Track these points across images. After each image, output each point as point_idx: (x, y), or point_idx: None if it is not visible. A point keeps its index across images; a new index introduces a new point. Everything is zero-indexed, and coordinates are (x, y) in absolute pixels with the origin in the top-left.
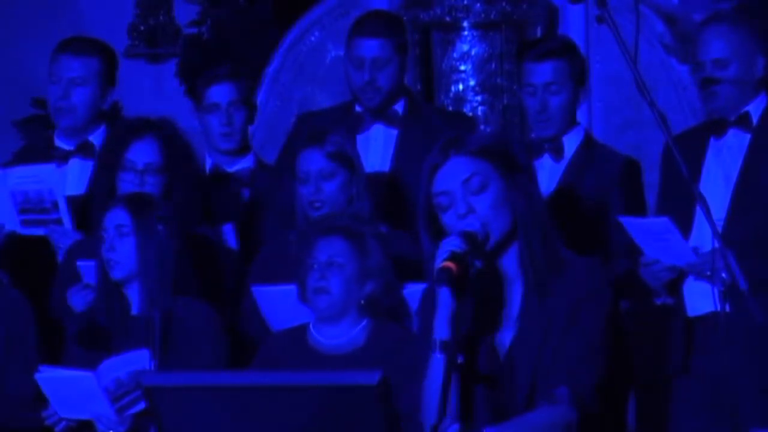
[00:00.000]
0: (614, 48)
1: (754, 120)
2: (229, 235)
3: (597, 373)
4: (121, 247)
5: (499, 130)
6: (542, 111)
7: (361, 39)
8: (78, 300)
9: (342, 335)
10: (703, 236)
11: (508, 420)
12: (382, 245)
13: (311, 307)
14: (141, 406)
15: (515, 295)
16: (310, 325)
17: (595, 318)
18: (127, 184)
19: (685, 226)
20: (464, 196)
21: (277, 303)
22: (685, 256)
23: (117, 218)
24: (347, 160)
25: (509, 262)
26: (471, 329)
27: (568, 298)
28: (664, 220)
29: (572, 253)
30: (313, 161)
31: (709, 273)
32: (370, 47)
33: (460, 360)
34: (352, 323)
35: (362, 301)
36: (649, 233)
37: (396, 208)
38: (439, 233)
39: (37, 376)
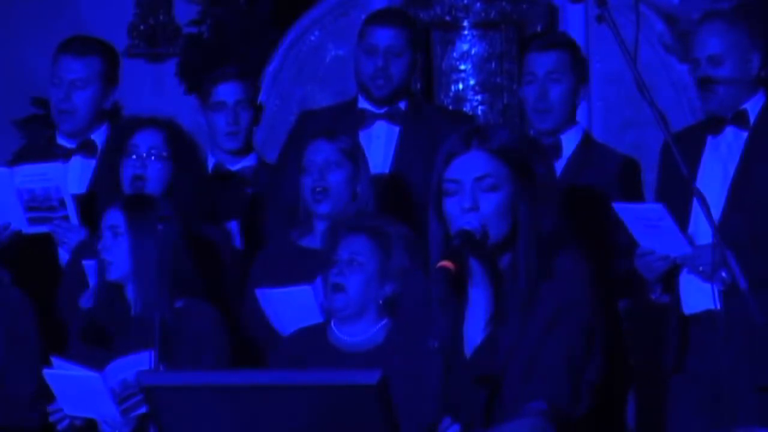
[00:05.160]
0: (614, 47)
1: (752, 118)
2: (234, 233)
3: (575, 386)
4: (116, 247)
5: (523, 132)
6: (541, 99)
7: (376, 28)
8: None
9: (362, 333)
10: (700, 234)
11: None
12: (408, 248)
13: (329, 307)
14: (147, 408)
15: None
16: (331, 323)
17: (573, 330)
18: (129, 169)
19: (681, 224)
20: (474, 191)
21: (280, 304)
22: (679, 244)
23: (112, 219)
24: (354, 157)
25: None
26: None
27: (551, 304)
28: (658, 207)
29: (569, 258)
30: (321, 151)
31: (701, 269)
32: (385, 36)
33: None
34: (372, 322)
35: (381, 302)
36: (643, 220)
37: (398, 205)
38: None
39: (45, 371)
